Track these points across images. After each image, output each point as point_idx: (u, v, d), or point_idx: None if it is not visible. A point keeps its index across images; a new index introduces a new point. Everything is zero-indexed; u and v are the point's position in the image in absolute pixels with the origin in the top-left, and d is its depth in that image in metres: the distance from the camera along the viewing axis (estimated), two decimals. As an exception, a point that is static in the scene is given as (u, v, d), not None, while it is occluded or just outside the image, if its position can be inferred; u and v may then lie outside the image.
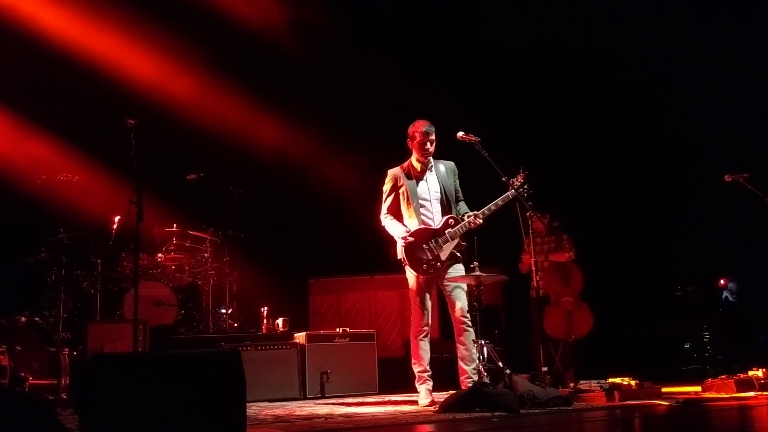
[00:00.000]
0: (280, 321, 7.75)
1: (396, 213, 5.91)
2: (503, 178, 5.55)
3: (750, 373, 6.13)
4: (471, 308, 5.61)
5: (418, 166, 5.92)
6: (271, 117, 9.35)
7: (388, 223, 5.92)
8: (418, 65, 9.45)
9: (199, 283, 8.31)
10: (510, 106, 9.24)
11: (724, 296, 9.82)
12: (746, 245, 8.99)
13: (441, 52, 9.60)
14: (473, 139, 5.68)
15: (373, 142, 9.06)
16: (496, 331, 8.07)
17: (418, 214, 5.80)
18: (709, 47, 8.90)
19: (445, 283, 5.74)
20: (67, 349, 5.69)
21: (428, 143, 5.82)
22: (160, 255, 8.15)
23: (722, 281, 9.83)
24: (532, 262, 6.21)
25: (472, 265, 5.64)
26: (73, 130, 8.35)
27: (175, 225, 8.30)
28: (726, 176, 6.61)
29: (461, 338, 5.67)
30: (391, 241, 6.06)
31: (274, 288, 8.77)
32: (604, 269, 7.91)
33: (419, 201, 5.84)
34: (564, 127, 9.48)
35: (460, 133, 5.75)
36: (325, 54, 9.26)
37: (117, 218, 7.64)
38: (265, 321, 7.86)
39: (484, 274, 5.56)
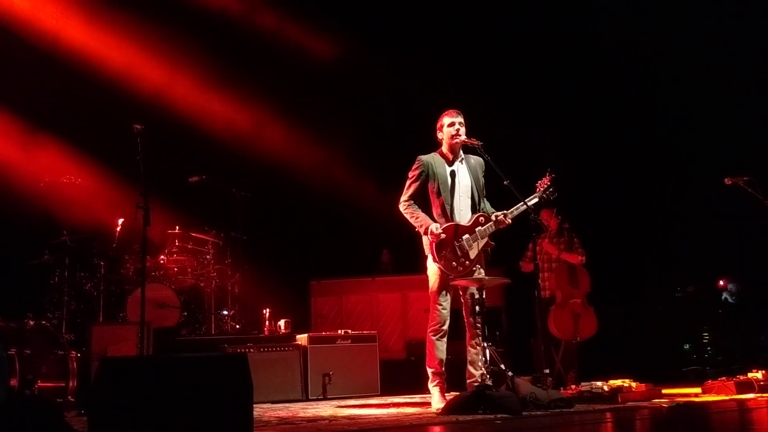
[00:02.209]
0: (282, 323, 7.79)
1: (419, 201, 5.67)
2: (505, 182, 5.55)
3: (750, 375, 6.18)
4: (473, 311, 5.60)
5: (450, 156, 5.73)
6: (273, 119, 9.39)
7: (412, 211, 5.62)
8: (421, 66, 9.49)
9: (202, 285, 8.34)
10: (512, 109, 9.28)
11: (723, 297, 9.85)
12: (745, 246, 9.03)
13: (447, 53, 9.65)
14: (476, 143, 5.63)
15: (376, 144, 9.12)
16: (497, 333, 8.11)
17: (447, 207, 5.61)
18: (712, 49, 8.94)
19: (460, 285, 5.63)
20: (74, 352, 5.73)
21: (456, 129, 5.64)
22: (162, 257, 8.17)
23: (722, 282, 9.86)
24: (535, 262, 6.24)
25: (474, 268, 5.66)
26: (77, 133, 8.39)
27: (177, 227, 8.33)
28: (726, 179, 6.64)
29: (473, 341, 5.59)
30: (405, 233, 5.91)
31: (275, 290, 8.80)
32: (603, 270, 7.94)
33: (450, 194, 5.64)
34: (565, 130, 9.54)
35: (463, 137, 5.70)
36: (329, 55, 9.30)
37: (120, 221, 7.68)
38: (267, 323, 7.89)
39: (486, 277, 5.58)
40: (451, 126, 5.71)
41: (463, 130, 5.70)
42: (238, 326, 8.30)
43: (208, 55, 9.08)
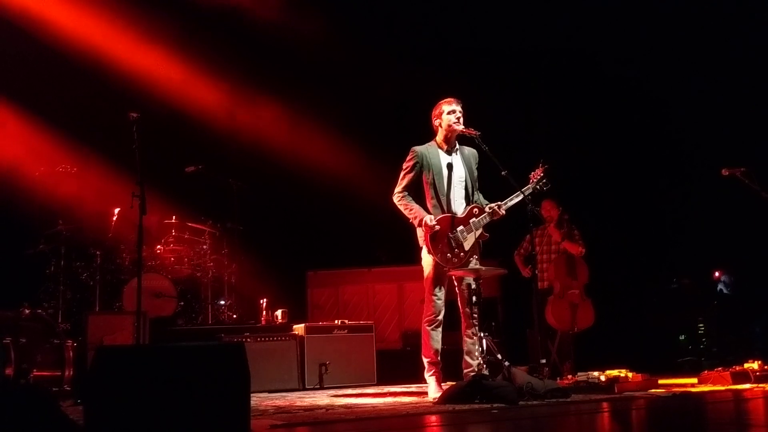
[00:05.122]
0: (279, 312, 7.80)
1: (414, 192, 5.68)
2: (503, 173, 5.54)
3: (746, 365, 6.19)
4: (470, 302, 5.60)
5: (444, 146, 5.73)
6: (270, 109, 9.36)
7: (406, 203, 5.62)
8: (418, 56, 9.46)
9: (198, 275, 8.33)
10: (511, 102, 9.25)
11: (718, 289, 9.87)
12: (740, 238, 9.04)
13: (444, 43, 9.62)
14: (473, 132, 5.62)
15: (373, 134, 9.09)
16: (493, 324, 8.12)
17: (442, 198, 5.61)
18: (709, 40, 8.93)
19: (456, 275, 5.63)
20: (70, 341, 5.72)
21: (457, 117, 5.64)
22: (159, 247, 8.16)
23: (717, 274, 9.88)
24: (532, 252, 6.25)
25: (470, 259, 5.66)
26: (72, 122, 8.35)
27: (174, 217, 8.32)
28: (723, 170, 6.64)
29: (469, 332, 5.61)
30: (402, 225, 5.89)
31: (272, 280, 8.80)
32: (599, 262, 7.96)
33: (444, 185, 5.63)
34: (560, 121, 9.53)
35: (461, 127, 5.69)
36: (327, 45, 9.24)
37: (116, 210, 7.66)
38: (264, 313, 7.90)
39: (483, 268, 5.59)
40: (451, 113, 5.70)
41: (462, 118, 5.69)
42: (234, 316, 8.30)
43: (205, 44, 9.05)
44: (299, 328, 7.32)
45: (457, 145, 5.81)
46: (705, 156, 8.53)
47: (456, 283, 5.73)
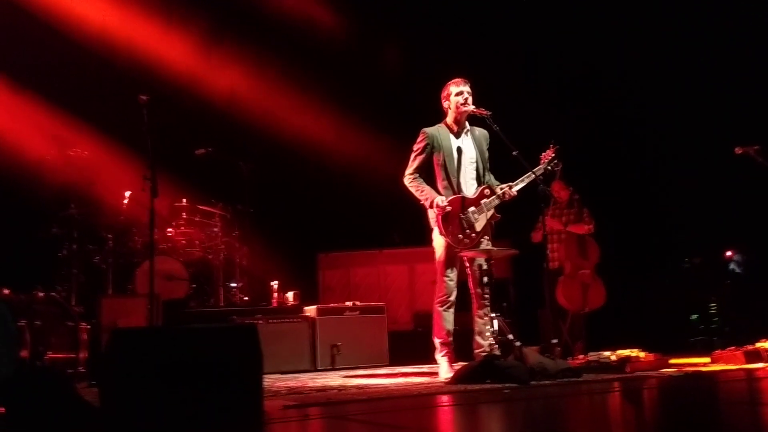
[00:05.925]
0: (290, 294, 7.83)
1: (425, 174, 5.67)
2: (514, 153, 5.52)
3: (758, 344, 6.17)
4: (481, 282, 5.60)
5: (455, 128, 5.73)
6: (280, 91, 9.34)
7: (417, 184, 5.63)
8: (428, 36, 9.40)
9: (210, 257, 8.35)
10: (517, 79, 9.20)
11: (731, 268, 9.82)
12: (753, 217, 8.98)
13: (453, 21, 9.55)
14: (484, 112, 5.60)
15: (384, 116, 9.06)
16: (505, 304, 8.12)
17: (453, 179, 5.61)
18: (720, 20, 8.83)
19: (468, 256, 5.63)
20: (84, 324, 5.76)
21: (465, 98, 5.62)
22: (170, 230, 8.17)
23: (729, 253, 9.83)
24: (544, 233, 6.24)
25: (480, 240, 5.65)
26: (83, 105, 8.36)
27: (184, 200, 8.33)
28: (736, 148, 6.59)
29: (480, 312, 5.63)
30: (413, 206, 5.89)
31: (283, 262, 8.82)
32: (610, 241, 7.93)
33: (455, 166, 5.62)
34: (570, 101, 9.46)
35: (471, 107, 5.68)
36: (338, 28, 9.20)
37: (128, 193, 7.68)
38: (275, 294, 7.92)
39: (494, 248, 5.58)
40: (459, 95, 5.67)
41: (470, 99, 5.66)
42: (246, 298, 8.33)
43: (214, 25, 9.02)
44: (311, 310, 7.35)
45: (468, 125, 5.79)
46: (718, 133, 8.45)
47: (467, 264, 5.72)
